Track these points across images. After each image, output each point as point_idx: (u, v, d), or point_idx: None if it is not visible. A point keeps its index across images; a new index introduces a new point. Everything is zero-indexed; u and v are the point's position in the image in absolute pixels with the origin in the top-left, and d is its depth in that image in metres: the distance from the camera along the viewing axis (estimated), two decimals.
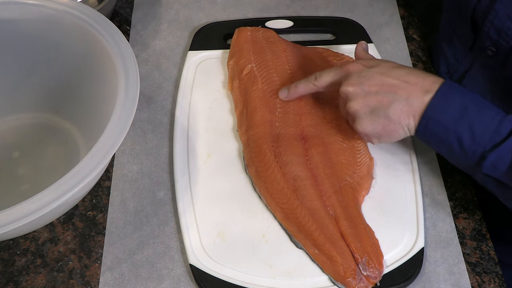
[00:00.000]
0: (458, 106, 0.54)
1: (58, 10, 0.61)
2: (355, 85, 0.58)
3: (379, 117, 0.57)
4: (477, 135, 0.53)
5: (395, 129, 0.57)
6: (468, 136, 0.53)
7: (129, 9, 0.85)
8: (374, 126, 0.57)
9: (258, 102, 0.67)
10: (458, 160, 0.57)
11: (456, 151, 0.55)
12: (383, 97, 0.56)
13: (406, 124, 0.56)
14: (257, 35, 0.74)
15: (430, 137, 0.56)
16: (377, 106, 0.57)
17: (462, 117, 0.53)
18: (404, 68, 0.58)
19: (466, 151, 0.54)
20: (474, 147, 0.53)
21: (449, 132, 0.54)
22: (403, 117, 0.56)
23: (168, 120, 0.72)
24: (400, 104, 0.56)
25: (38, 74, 0.68)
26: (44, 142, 0.70)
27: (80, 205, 0.65)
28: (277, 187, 0.61)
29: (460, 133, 0.54)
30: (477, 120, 0.53)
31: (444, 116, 0.54)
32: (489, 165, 0.53)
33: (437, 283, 0.59)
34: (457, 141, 0.54)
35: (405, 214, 0.62)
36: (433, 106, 0.54)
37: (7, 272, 0.60)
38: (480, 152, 0.53)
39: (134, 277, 0.59)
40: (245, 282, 0.58)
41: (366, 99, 0.57)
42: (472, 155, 0.54)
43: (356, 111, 0.58)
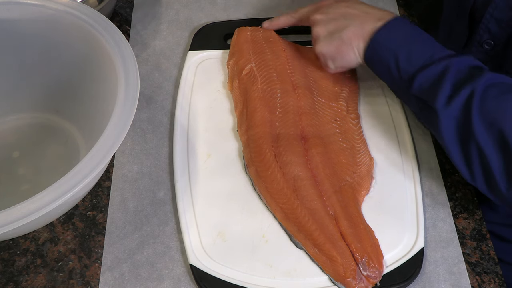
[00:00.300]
0: (403, 33, 0.60)
1: (58, 10, 0.61)
2: (322, 14, 0.67)
3: (334, 39, 0.64)
4: (412, 58, 0.59)
5: (347, 51, 0.63)
6: (404, 58, 0.59)
7: (129, 9, 0.85)
8: (329, 47, 0.65)
9: (258, 102, 0.67)
10: (394, 82, 0.61)
11: (393, 72, 0.60)
12: (341, 23, 0.64)
13: (356, 46, 0.63)
14: (257, 35, 0.74)
15: (374, 58, 0.62)
16: (335, 30, 0.64)
17: (404, 43, 0.60)
18: (369, 5, 0.66)
19: (400, 71, 0.59)
20: (408, 67, 0.59)
21: (390, 54, 0.60)
22: (355, 39, 0.62)
23: (168, 120, 0.72)
24: (353, 28, 0.63)
25: (38, 74, 0.68)
26: (44, 142, 0.70)
27: (80, 205, 0.65)
28: (277, 187, 0.61)
29: (398, 55, 0.59)
30: (416, 46, 0.59)
31: (388, 40, 0.60)
32: (417, 85, 0.58)
33: (437, 283, 0.59)
34: (395, 62, 0.59)
35: (405, 214, 0.62)
36: (382, 31, 0.61)
37: (7, 272, 0.60)
38: (412, 72, 0.58)
39: (134, 277, 0.59)
40: (245, 282, 0.58)
41: (327, 24, 0.65)
42: (405, 74, 0.59)
43: (318, 34, 0.66)
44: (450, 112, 0.55)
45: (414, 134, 0.69)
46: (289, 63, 0.71)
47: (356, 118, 0.69)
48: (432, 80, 0.57)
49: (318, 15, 0.67)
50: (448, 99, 0.55)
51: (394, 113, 0.71)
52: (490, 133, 0.53)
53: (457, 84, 0.55)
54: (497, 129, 0.52)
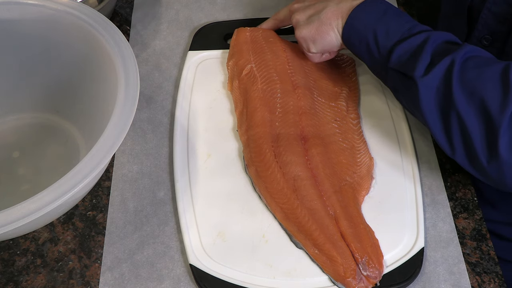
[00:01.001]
0: (380, 9, 0.61)
1: (58, 10, 0.61)
2: (299, 2, 0.69)
3: (313, 22, 0.65)
4: (390, 33, 0.59)
5: (326, 30, 0.64)
6: (383, 33, 0.59)
7: (129, 9, 0.85)
8: (309, 29, 0.65)
9: (258, 102, 0.67)
10: (373, 59, 0.61)
11: (371, 47, 0.60)
12: (319, 6, 0.66)
13: (336, 25, 0.63)
14: (257, 35, 0.74)
15: (353, 35, 0.62)
16: (313, 14, 0.66)
17: (381, 18, 0.60)
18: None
19: (379, 46, 0.60)
20: (386, 42, 0.59)
21: (368, 30, 0.60)
22: (333, 18, 0.63)
23: (168, 120, 0.72)
24: (331, 8, 0.64)
25: (38, 74, 0.68)
26: (44, 142, 0.70)
27: (80, 205, 0.65)
28: (277, 187, 0.61)
29: (376, 30, 0.60)
30: (393, 21, 0.60)
31: (366, 16, 0.61)
32: (396, 57, 0.58)
33: (437, 283, 0.59)
34: (373, 37, 0.60)
35: (405, 214, 0.62)
36: (359, 8, 0.62)
37: (7, 272, 0.60)
38: (390, 46, 0.59)
39: (134, 277, 0.59)
40: (245, 282, 0.58)
41: (305, 10, 0.67)
42: (383, 49, 0.59)
43: (298, 20, 0.67)
44: (429, 81, 0.54)
45: (414, 134, 0.69)
46: (289, 63, 0.71)
47: (356, 118, 0.69)
48: (411, 51, 0.57)
49: (296, 4, 0.69)
50: (427, 68, 0.55)
51: (394, 113, 0.71)
52: (471, 101, 0.52)
53: (436, 53, 0.55)
54: (478, 98, 0.52)
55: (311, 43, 0.66)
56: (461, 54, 0.54)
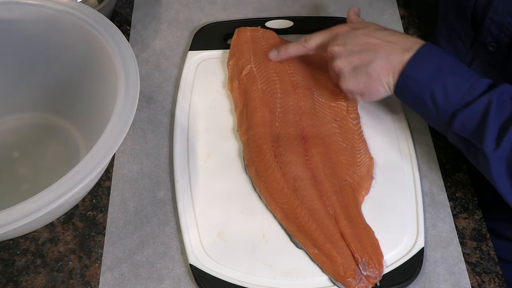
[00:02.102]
0: (434, 66, 0.56)
1: (58, 10, 0.61)
2: (341, 45, 0.61)
3: (361, 74, 0.60)
4: (449, 94, 0.55)
5: (376, 86, 0.60)
6: (441, 94, 0.55)
7: (129, 9, 0.85)
8: (356, 83, 0.60)
9: (258, 102, 0.67)
10: (432, 119, 0.59)
11: (430, 109, 0.57)
12: (365, 56, 0.59)
13: (386, 81, 0.59)
14: (257, 35, 0.74)
15: (407, 94, 0.58)
16: (359, 64, 0.60)
17: (437, 76, 0.56)
18: (388, 30, 0.61)
19: (438, 109, 0.56)
20: (446, 105, 0.55)
21: (424, 90, 0.56)
22: (383, 74, 0.58)
23: (168, 120, 0.72)
24: (380, 62, 0.58)
25: (38, 74, 0.68)
26: (44, 142, 0.70)
27: (80, 205, 0.65)
28: (277, 187, 0.61)
29: (434, 91, 0.56)
30: (451, 80, 0.55)
31: (420, 74, 0.57)
32: (459, 124, 0.55)
33: (437, 283, 0.59)
34: (431, 99, 0.56)
35: (405, 214, 0.62)
36: (411, 64, 0.57)
37: (7, 272, 0.60)
38: (451, 111, 0.55)
39: (134, 277, 0.59)
40: (245, 282, 0.58)
41: (349, 57, 0.60)
42: (444, 113, 0.56)
43: (340, 69, 0.61)
44: (500, 154, 0.53)
45: (414, 134, 0.69)
46: (289, 63, 0.71)
47: (356, 118, 0.69)
48: (475, 119, 0.54)
49: (336, 47, 0.62)
50: (497, 141, 0.53)
51: (394, 113, 0.71)
52: None
53: (502, 121, 0.53)
54: None
55: (358, 96, 0.62)
56: None
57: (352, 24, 0.64)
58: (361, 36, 0.61)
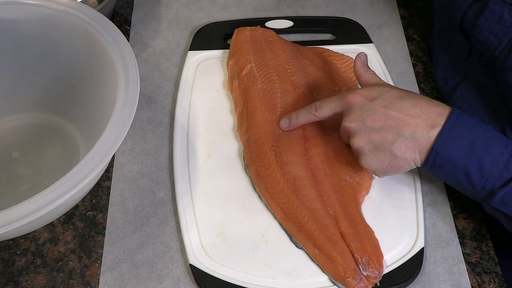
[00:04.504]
0: (465, 141, 0.53)
1: (58, 10, 0.61)
2: (358, 121, 0.57)
3: (384, 154, 0.56)
4: (486, 172, 0.52)
5: (401, 165, 0.56)
6: (476, 172, 0.53)
7: (129, 9, 0.85)
8: (379, 163, 0.57)
9: (258, 102, 0.67)
10: (466, 192, 0.57)
11: (464, 185, 0.55)
12: (387, 134, 0.55)
13: (413, 159, 0.56)
14: (256, 35, 0.74)
15: (438, 171, 0.55)
16: (381, 143, 0.56)
17: (470, 153, 0.53)
18: (407, 99, 0.56)
19: (475, 186, 0.54)
20: (483, 183, 0.53)
21: (457, 168, 0.54)
22: (409, 152, 0.55)
23: (168, 120, 0.72)
24: (405, 141, 0.55)
25: (38, 74, 0.68)
26: (44, 142, 0.70)
27: (80, 205, 0.65)
28: (277, 187, 0.61)
29: (468, 169, 0.53)
30: (485, 156, 0.52)
31: (451, 152, 0.53)
32: (499, 201, 0.53)
33: (437, 283, 0.59)
34: (465, 177, 0.54)
35: (405, 214, 0.62)
36: (440, 142, 0.53)
37: (7, 272, 0.60)
38: (489, 188, 0.53)
39: (134, 277, 0.59)
40: (245, 282, 0.58)
41: (369, 135, 0.56)
42: (481, 190, 0.54)
43: (361, 147, 0.57)
44: None
45: None
46: (289, 63, 0.71)
47: None
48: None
49: (353, 124, 0.57)
50: None
51: None
52: None
53: None
54: None
55: (381, 173, 0.58)
56: None
57: (365, 92, 0.58)
58: (379, 109, 0.56)
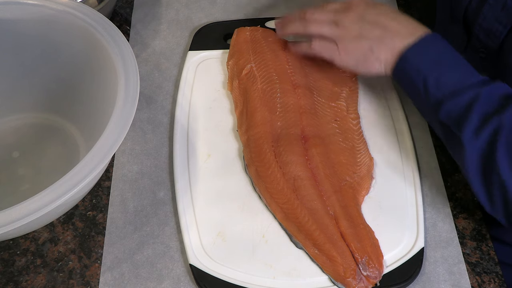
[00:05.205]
0: (433, 54, 0.58)
1: (58, 10, 0.61)
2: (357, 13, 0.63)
3: (364, 45, 0.61)
4: (442, 83, 0.56)
5: (372, 61, 0.61)
6: (434, 81, 0.57)
7: (129, 9, 0.85)
8: (355, 53, 0.62)
9: (258, 102, 0.67)
10: (420, 103, 0.60)
11: (421, 93, 0.58)
12: (373, 32, 0.61)
13: (384, 59, 0.60)
14: (256, 35, 0.74)
15: (402, 76, 0.60)
16: (366, 35, 0.62)
17: (435, 65, 0.57)
18: (401, 15, 0.63)
19: (429, 95, 0.57)
20: (436, 92, 0.57)
21: (419, 75, 0.58)
22: (384, 52, 0.60)
23: (168, 120, 0.72)
24: (385, 40, 0.60)
25: (38, 74, 0.68)
26: (44, 142, 0.70)
27: (80, 205, 0.65)
28: (277, 187, 0.61)
29: (427, 78, 0.57)
30: (446, 70, 0.57)
31: (419, 60, 0.58)
32: (445, 112, 0.56)
33: (437, 283, 0.59)
34: (423, 84, 0.57)
35: (405, 214, 0.62)
36: (413, 49, 0.58)
37: (7, 272, 0.60)
38: (440, 98, 0.56)
39: (134, 277, 0.59)
40: (245, 282, 0.58)
41: (361, 25, 0.62)
42: (433, 99, 0.57)
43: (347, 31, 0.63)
44: (476, 144, 0.53)
45: (414, 134, 0.69)
46: (289, 63, 0.71)
47: (356, 118, 0.69)
48: (460, 109, 0.55)
49: (352, 13, 0.63)
50: (475, 132, 0.54)
51: (394, 113, 0.71)
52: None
53: (484, 115, 0.54)
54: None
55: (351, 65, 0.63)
56: (509, 116, 0.53)
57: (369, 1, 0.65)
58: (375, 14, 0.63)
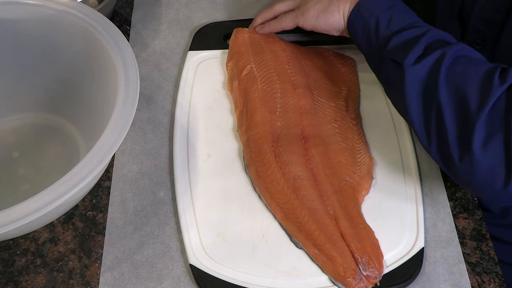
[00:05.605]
0: (389, 2, 0.62)
1: (58, 10, 0.61)
2: None
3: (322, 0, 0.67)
4: (392, 23, 0.60)
5: (332, 11, 0.66)
6: (385, 22, 0.61)
7: (129, 9, 0.85)
8: (317, 5, 0.67)
9: (258, 102, 0.67)
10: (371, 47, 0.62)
11: (371, 35, 0.61)
12: None
13: (343, 8, 0.65)
14: (255, 35, 0.74)
15: (357, 22, 0.63)
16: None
17: (388, 9, 0.61)
18: None
19: (378, 35, 0.60)
20: (385, 31, 0.60)
21: (372, 16, 0.62)
22: (342, 1, 0.65)
23: (168, 120, 0.72)
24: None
25: (38, 74, 0.68)
26: (44, 142, 0.70)
27: (80, 205, 0.65)
28: (277, 187, 0.61)
29: (379, 19, 0.61)
30: (398, 14, 0.61)
31: (374, 5, 0.62)
32: (391, 46, 0.59)
33: (437, 283, 0.59)
34: (375, 26, 0.61)
35: (405, 214, 0.62)
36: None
37: (7, 272, 0.60)
38: (388, 35, 0.60)
39: (134, 277, 0.59)
40: (245, 282, 0.58)
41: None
42: (382, 39, 0.60)
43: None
44: (417, 70, 0.55)
45: (414, 134, 0.69)
46: (289, 63, 0.71)
47: (356, 118, 0.69)
48: (407, 41, 0.58)
49: None
50: (418, 59, 0.56)
51: (394, 113, 0.71)
52: (452, 96, 0.53)
53: (430, 47, 0.56)
54: (460, 93, 0.52)
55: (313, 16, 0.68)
56: (453, 51, 0.55)
57: None
58: None
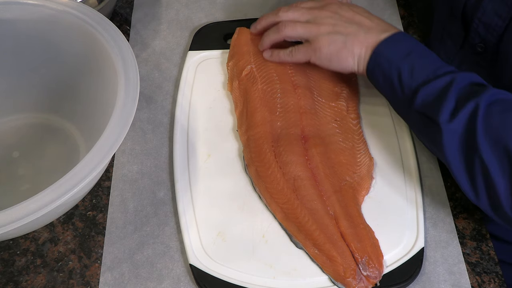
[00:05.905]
0: (406, 47, 0.60)
1: (58, 10, 0.61)
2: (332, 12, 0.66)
3: (338, 40, 0.63)
4: (415, 72, 0.58)
5: (346, 56, 0.63)
6: (407, 72, 0.58)
7: (129, 9, 0.85)
8: (330, 46, 0.64)
9: (258, 102, 0.67)
10: (396, 97, 0.60)
11: (395, 86, 0.59)
12: (349, 26, 0.64)
13: (358, 54, 0.63)
14: (257, 36, 0.74)
15: (376, 70, 0.61)
16: (341, 30, 0.64)
17: (407, 56, 0.59)
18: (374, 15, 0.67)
19: (403, 86, 0.59)
20: (410, 82, 0.58)
21: (392, 67, 0.59)
22: (357, 46, 0.62)
23: (168, 120, 0.72)
24: (358, 35, 0.63)
25: (38, 74, 0.68)
26: (44, 142, 0.70)
27: (80, 205, 0.65)
28: (277, 187, 0.61)
29: (401, 68, 0.59)
30: (419, 61, 0.59)
31: (391, 53, 0.60)
32: (420, 100, 0.57)
33: (437, 283, 0.59)
34: (397, 76, 0.59)
35: (405, 214, 0.62)
36: (386, 43, 0.61)
37: (7, 272, 0.60)
38: (414, 86, 0.58)
39: (134, 277, 0.59)
40: (245, 282, 0.58)
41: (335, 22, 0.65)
42: (407, 89, 0.58)
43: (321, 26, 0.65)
44: (453, 127, 0.53)
45: (414, 134, 0.69)
46: (289, 63, 0.71)
47: (356, 118, 0.69)
48: (436, 94, 0.56)
49: (328, 12, 0.66)
50: (452, 113, 0.54)
51: (394, 113, 0.71)
52: (495, 149, 0.51)
53: (461, 98, 0.54)
54: (503, 146, 0.51)
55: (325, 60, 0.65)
56: (486, 98, 0.53)
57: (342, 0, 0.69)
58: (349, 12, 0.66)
